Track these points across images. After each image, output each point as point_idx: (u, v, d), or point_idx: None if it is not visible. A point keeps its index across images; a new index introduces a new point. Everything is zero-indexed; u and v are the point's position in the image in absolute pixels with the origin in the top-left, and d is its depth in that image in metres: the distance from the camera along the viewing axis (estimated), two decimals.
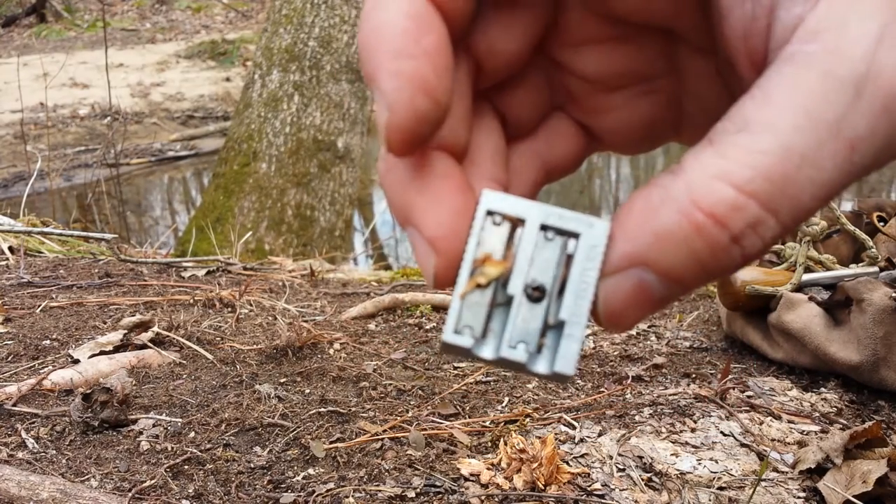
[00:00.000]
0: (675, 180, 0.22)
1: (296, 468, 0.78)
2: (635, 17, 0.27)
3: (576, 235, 0.24)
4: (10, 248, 1.67)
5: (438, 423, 0.88)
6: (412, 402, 0.93)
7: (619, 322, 0.23)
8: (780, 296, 1.03)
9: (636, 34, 0.28)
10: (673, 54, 0.28)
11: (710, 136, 0.22)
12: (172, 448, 0.81)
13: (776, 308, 1.03)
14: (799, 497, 0.74)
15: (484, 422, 0.88)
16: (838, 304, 0.98)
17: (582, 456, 0.80)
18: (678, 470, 0.78)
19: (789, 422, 0.89)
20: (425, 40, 0.22)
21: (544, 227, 0.24)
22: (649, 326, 1.22)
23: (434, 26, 0.23)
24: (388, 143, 0.23)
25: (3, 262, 1.59)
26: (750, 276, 1.06)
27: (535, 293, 0.24)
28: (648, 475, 0.77)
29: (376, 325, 1.24)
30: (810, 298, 1.01)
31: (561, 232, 0.24)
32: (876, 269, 1.05)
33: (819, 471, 0.76)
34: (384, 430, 0.86)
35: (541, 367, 0.23)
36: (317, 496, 0.73)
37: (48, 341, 1.13)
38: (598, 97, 0.29)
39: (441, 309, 1.31)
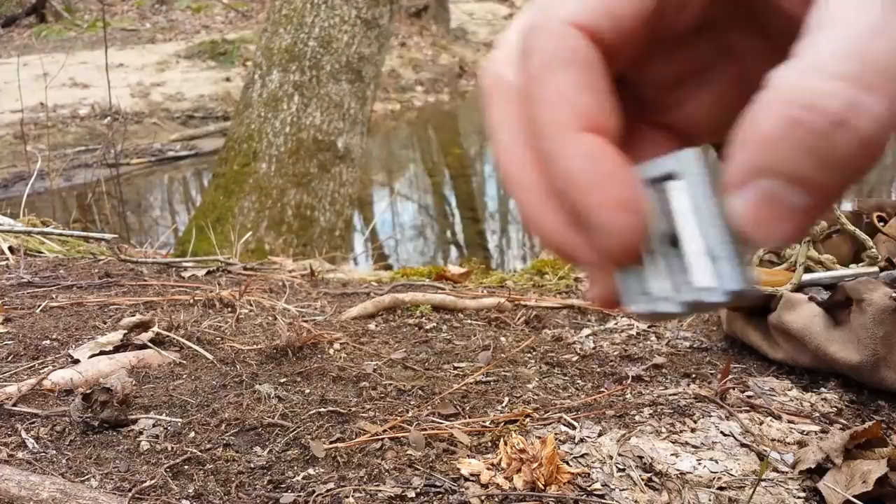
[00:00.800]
0: (766, 92, 0.22)
1: (296, 468, 0.78)
2: (686, 28, 0.28)
3: (674, 176, 0.25)
4: (10, 248, 1.67)
5: (438, 423, 0.88)
6: (412, 402, 0.93)
7: (770, 235, 0.23)
8: (780, 296, 1.03)
9: (686, 36, 0.29)
10: (721, 41, 0.30)
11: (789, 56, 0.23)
12: (172, 448, 0.81)
13: (776, 308, 1.03)
14: (799, 497, 0.74)
15: (484, 422, 0.88)
16: (838, 304, 0.98)
17: (582, 456, 0.80)
18: (678, 470, 0.78)
19: (789, 422, 0.89)
20: (618, 177, 0.24)
21: (651, 182, 0.25)
22: (649, 326, 1.22)
23: (611, 157, 0.25)
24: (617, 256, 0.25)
25: (3, 262, 1.59)
26: None
27: (671, 241, 0.24)
28: (648, 475, 0.77)
29: (376, 325, 1.24)
30: (810, 298, 1.01)
31: (663, 179, 0.25)
32: (876, 269, 1.05)
33: (819, 471, 0.76)
34: (384, 430, 0.86)
35: (714, 295, 0.23)
36: (317, 496, 0.73)
37: (48, 341, 1.13)
38: (667, 97, 0.30)
39: (441, 309, 1.31)
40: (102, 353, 1.05)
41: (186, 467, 0.78)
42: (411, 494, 0.73)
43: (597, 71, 0.25)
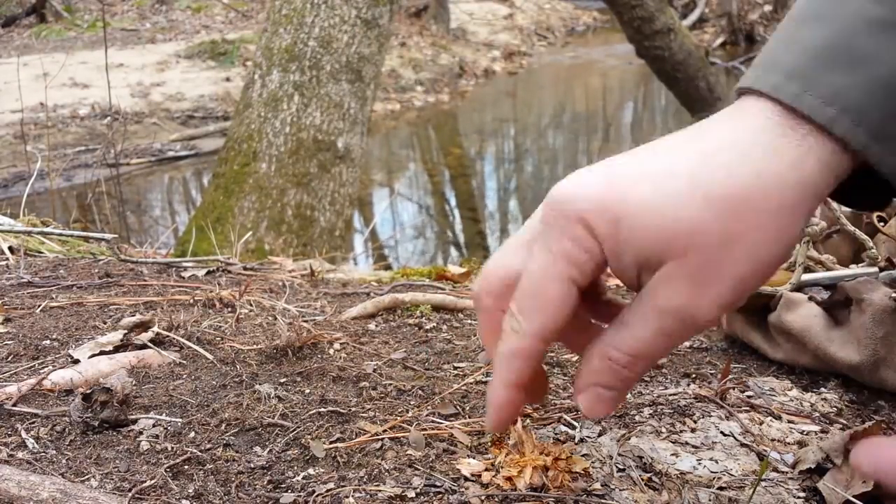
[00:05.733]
0: (593, 345, 0.53)
1: (296, 468, 0.79)
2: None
3: None
4: (10, 248, 1.67)
5: (438, 423, 0.88)
6: (412, 402, 0.93)
7: (597, 413, 0.53)
8: (779, 296, 1.03)
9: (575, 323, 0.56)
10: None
11: (618, 319, 0.51)
12: (172, 448, 0.81)
13: (776, 308, 1.03)
14: (799, 497, 0.74)
15: (484, 422, 0.88)
16: (838, 304, 0.98)
17: (582, 456, 0.80)
18: (678, 470, 0.78)
19: (789, 422, 0.89)
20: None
21: None
22: None
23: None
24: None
25: (3, 262, 1.59)
26: None
27: None
28: (648, 475, 0.77)
29: (376, 325, 1.24)
30: (810, 298, 1.01)
31: None
32: (876, 269, 1.05)
33: (819, 471, 0.76)
34: (384, 430, 0.86)
35: None
36: (317, 496, 0.73)
37: (48, 341, 1.13)
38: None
39: (441, 309, 1.31)
40: (102, 353, 1.05)
41: (186, 467, 0.78)
42: (411, 494, 0.73)
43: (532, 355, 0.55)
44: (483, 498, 0.73)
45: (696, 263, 0.46)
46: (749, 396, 0.95)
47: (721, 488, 0.75)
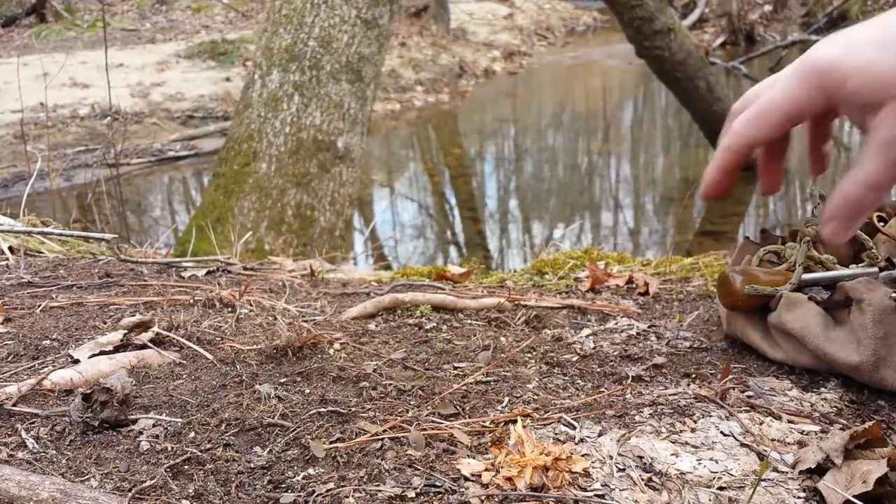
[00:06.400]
0: (838, 185, 0.70)
1: (296, 468, 0.79)
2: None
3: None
4: (10, 248, 1.67)
5: (438, 423, 0.88)
6: (412, 402, 0.93)
7: (837, 238, 0.71)
8: (779, 296, 1.03)
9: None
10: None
11: (851, 164, 0.69)
12: (172, 448, 0.81)
13: (776, 308, 1.03)
14: (799, 497, 0.74)
15: (484, 422, 0.89)
16: (838, 304, 0.98)
17: (582, 456, 0.80)
18: (678, 470, 0.78)
19: (789, 422, 0.89)
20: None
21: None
22: (649, 326, 1.22)
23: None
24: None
25: (3, 262, 1.59)
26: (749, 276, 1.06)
27: None
28: (648, 475, 0.77)
29: (376, 325, 1.24)
30: (810, 298, 1.01)
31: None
32: (876, 269, 1.05)
33: (819, 471, 0.76)
34: (384, 430, 0.86)
35: None
36: (317, 496, 0.73)
37: (48, 341, 1.13)
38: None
39: (441, 309, 1.31)
40: (102, 353, 1.05)
41: (186, 467, 0.78)
42: (411, 494, 0.73)
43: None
44: (483, 498, 0.73)
45: None
46: (749, 396, 0.95)
47: (721, 488, 0.75)
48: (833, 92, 0.69)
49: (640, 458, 0.80)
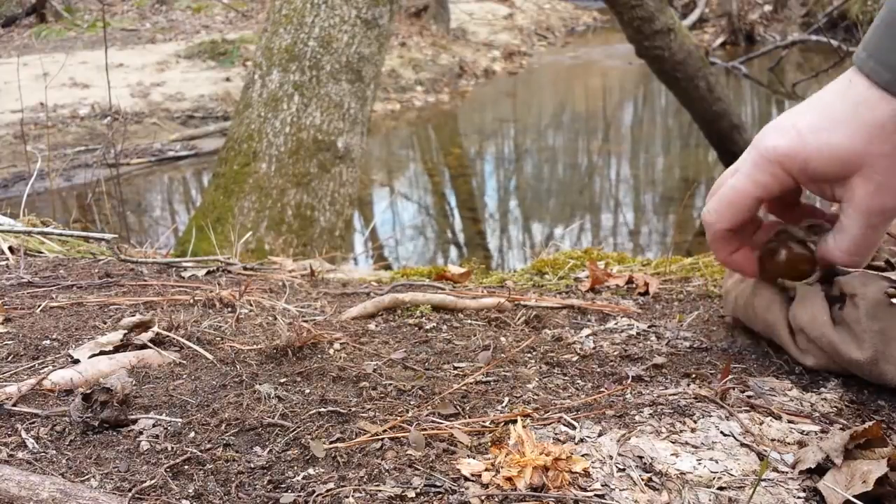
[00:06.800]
0: (827, 240, 0.87)
1: (296, 468, 0.79)
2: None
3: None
4: (10, 248, 1.67)
5: (438, 423, 0.88)
6: (412, 402, 0.93)
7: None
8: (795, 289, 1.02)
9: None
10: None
11: (834, 229, 0.84)
12: (172, 448, 0.81)
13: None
14: (799, 497, 0.74)
15: (484, 422, 0.89)
16: (835, 299, 0.97)
17: (582, 456, 0.80)
18: (678, 470, 0.78)
19: (789, 422, 0.89)
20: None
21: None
22: (649, 326, 1.22)
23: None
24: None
25: (3, 262, 1.59)
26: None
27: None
28: (648, 475, 0.77)
29: (376, 325, 1.24)
30: (823, 289, 1.00)
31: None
32: None
33: (819, 471, 0.76)
34: (384, 430, 0.86)
35: None
36: (317, 496, 0.73)
37: (48, 341, 1.13)
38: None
39: (441, 309, 1.31)
40: (102, 353, 1.05)
41: (186, 467, 0.78)
42: (411, 494, 0.73)
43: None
44: (483, 498, 0.73)
45: (870, 172, 0.73)
46: (749, 396, 0.95)
47: (721, 488, 0.75)
48: (796, 174, 0.78)
49: (640, 458, 0.80)
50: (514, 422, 0.85)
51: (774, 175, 0.78)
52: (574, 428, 0.87)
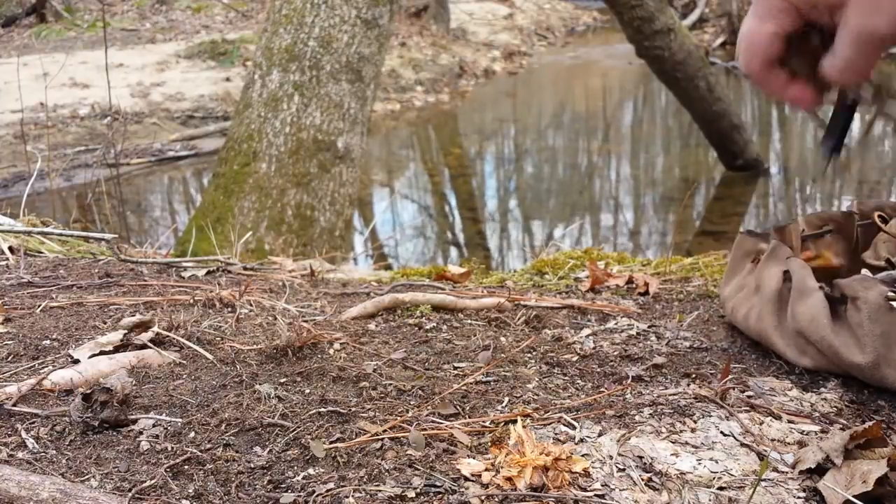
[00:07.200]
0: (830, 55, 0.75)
1: (296, 468, 0.79)
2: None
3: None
4: (10, 248, 1.67)
5: (438, 423, 0.88)
6: (412, 402, 0.93)
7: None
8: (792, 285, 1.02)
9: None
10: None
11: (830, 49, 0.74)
12: (172, 448, 0.81)
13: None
14: (799, 497, 0.74)
15: (484, 422, 0.89)
16: (836, 301, 0.97)
17: (582, 456, 0.80)
18: (678, 470, 0.78)
19: (789, 422, 0.89)
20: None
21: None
22: (649, 326, 1.22)
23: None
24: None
25: (3, 262, 1.59)
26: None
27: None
28: (648, 475, 0.77)
29: (376, 325, 1.24)
30: (820, 287, 1.00)
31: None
32: None
33: (819, 471, 0.76)
34: (384, 430, 0.86)
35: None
36: (317, 496, 0.73)
37: (48, 341, 1.13)
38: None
39: (441, 309, 1.31)
40: (102, 353, 1.05)
41: (186, 467, 0.78)
42: (411, 494, 0.74)
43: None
44: (483, 498, 0.73)
45: None
46: (749, 396, 0.95)
47: (721, 488, 0.75)
48: (798, 2, 0.78)
49: (640, 458, 0.80)
50: (514, 422, 0.85)
51: (779, 7, 0.78)
52: (574, 428, 0.87)
